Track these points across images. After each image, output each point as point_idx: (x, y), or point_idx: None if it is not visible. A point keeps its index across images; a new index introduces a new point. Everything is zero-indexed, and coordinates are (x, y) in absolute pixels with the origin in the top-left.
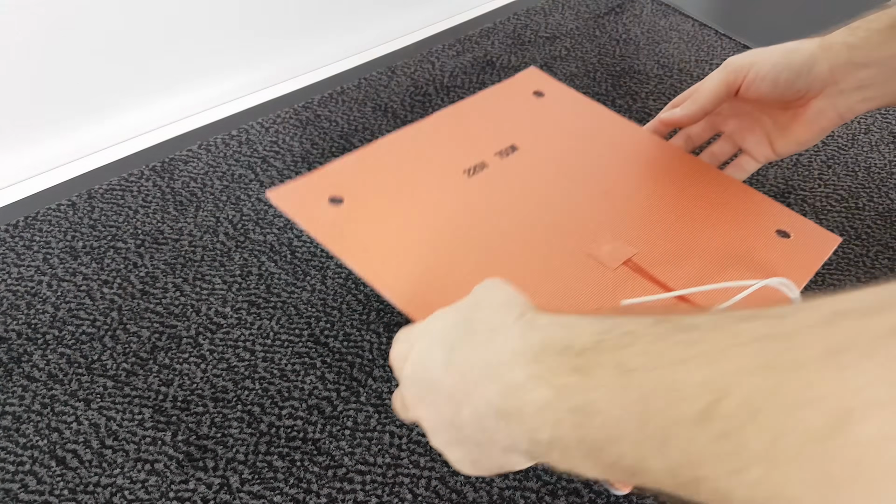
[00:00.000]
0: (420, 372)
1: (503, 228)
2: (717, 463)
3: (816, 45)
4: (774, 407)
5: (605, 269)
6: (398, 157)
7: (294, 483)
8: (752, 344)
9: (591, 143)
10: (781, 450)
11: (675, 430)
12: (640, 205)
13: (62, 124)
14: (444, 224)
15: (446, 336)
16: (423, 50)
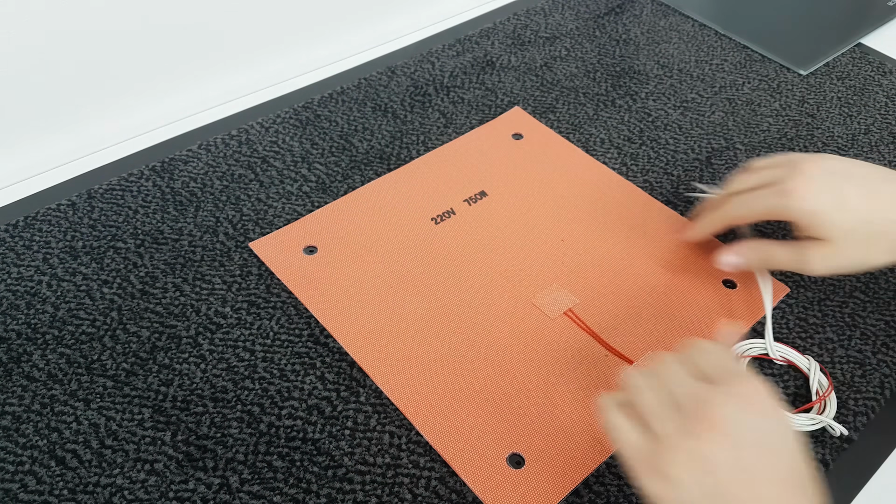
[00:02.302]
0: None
1: (458, 275)
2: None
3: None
4: None
5: (547, 318)
6: (373, 206)
7: (294, 483)
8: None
9: (558, 190)
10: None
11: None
12: (592, 254)
13: (62, 124)
14: (403, 273)
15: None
16: (423, 50)
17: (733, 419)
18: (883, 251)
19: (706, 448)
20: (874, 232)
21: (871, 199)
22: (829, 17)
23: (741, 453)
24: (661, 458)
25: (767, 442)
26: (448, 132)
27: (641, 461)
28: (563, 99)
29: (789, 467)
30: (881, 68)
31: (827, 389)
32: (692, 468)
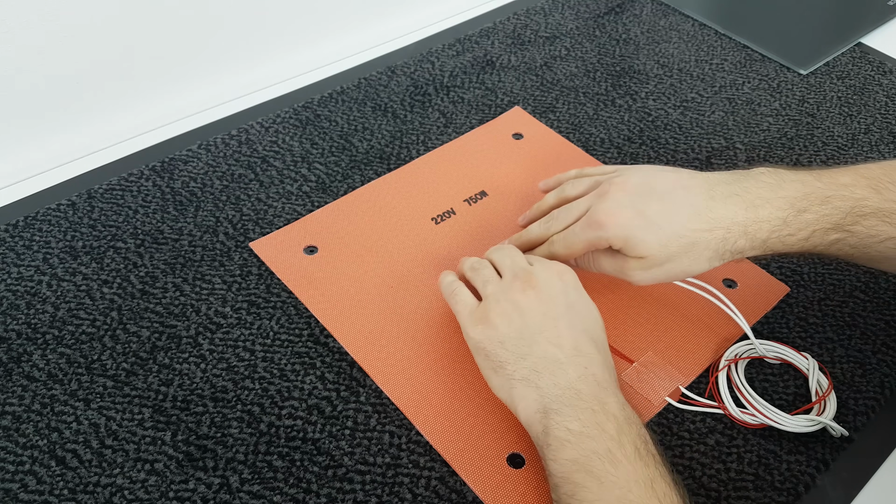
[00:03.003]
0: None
1: (458, 275)
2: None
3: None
4: None
5: None
6: (373, 206)
7: (294, 483)
8: None
9: None
10: None
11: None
12: None
13: (62, 124)
14: (403, 273)
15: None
16: (423, 50)
17: (546, 281)
18: (701, 259)
19: (520, 298)
20: (686, 244)
21: (672, 213)
22: (828, 16)
23: (547, 305)
24: (485, 309)
25: (570, 302)
26: (448, 132)
27: (471, 316)
28: (563, 99)
29: (585, 325)
30: (881, 68)
31: (827, 389)
32: (508, 312)
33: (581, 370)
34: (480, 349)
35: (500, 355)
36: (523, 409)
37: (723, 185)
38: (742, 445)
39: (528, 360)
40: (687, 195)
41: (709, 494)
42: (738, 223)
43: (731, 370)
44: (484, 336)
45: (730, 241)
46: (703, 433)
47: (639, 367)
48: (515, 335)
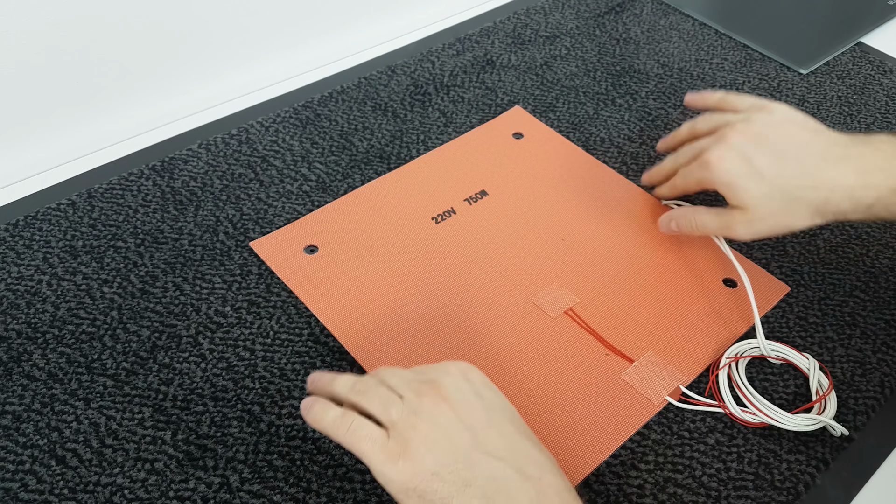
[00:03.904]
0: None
1: (459, 275)
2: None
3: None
4: None
5: (547, 317)
6: (373, 205)
7: (294, 482)
8: None
9: (558, 189)
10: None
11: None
12: (593, 253)
13: (62, 123)
14: (404, 272)
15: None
16: (423, 49)
17: (454, 388)
18: (803, 216)
19: (436, 415)
20: (789, 198)
21: (781, 167)
22: (829, 16)
23: (469, 415)
24: (400, 439)
25: (488, 404)
26: (448, 131)
27: (382, 451)
28: (564, 98)
29: (513, 424)
30: (881, 67)
31: (827, 389)
32: (430, 436)
33: (538, 485)
34: (411, 491)
35: (440, 490)
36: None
37: (840, 146)
38: (742, 444)
39: (475, 487)
40: (800, 151)
41: (709, 494)
42: (845, 186)
43: (731, 369)
44: (411, 472)
45: (832, 202)
46: (703, 432)
47: (639, 367)
48: (449, 461)
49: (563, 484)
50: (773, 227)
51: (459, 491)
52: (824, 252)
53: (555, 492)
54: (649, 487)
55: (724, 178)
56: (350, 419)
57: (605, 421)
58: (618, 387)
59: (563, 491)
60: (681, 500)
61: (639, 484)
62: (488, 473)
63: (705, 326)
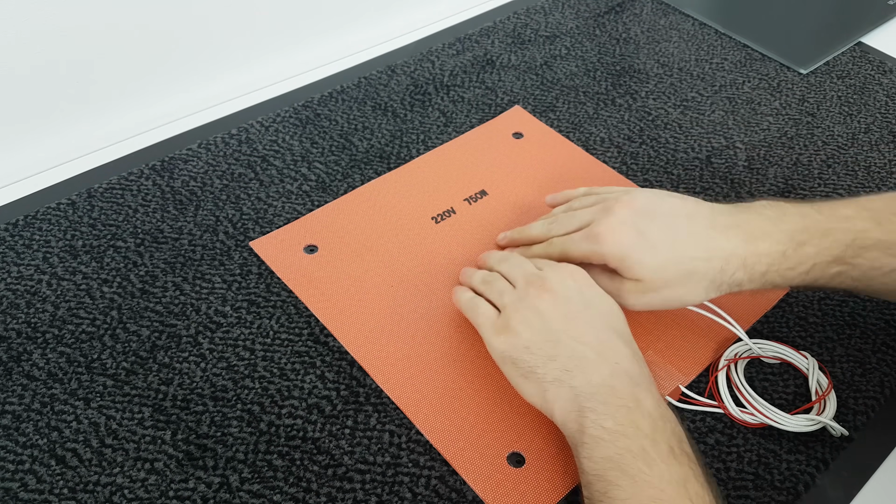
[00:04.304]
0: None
1: (458, 275)
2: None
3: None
4: None
5: None
6: (373, 205)
7: (294, 482)
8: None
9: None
10: None
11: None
12: None
13: (62, 123)
14: (403, 272)
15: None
16: (423, 49)
17: (559, 283)
18: (697, 288)
19: (537, 303)
20: (684, 270)
21: (673, 238)
22: (829, 16)
23: (566, 306)
24: (506, 318)
25: (587, 300)
26: (448, 131)
27: (493, 327)
28: (564, 98)
29: (606, 321)
30: (881, 67)
31: (826, 389)
32: (528, 318)
33: (612, 366)
34: (507, 358)
35: (528, 361)
36: (559, 410)
37: (725, 215)
38: (742, 445)
39: (558, 361)
40: (689, 223)
41: None
42: (738, 255)
43: (730, 370)
44: (508, 344)
45: (728, 272)
46: (703, 432)
47: None
48: (540, 339)
49: (638, 370)
50: (666, 299)
51: (544, 362)
52: None
53: (627, 375)
54: None
55: (617, 252)
56: (476, 302)
57: None
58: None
59: (636, 375)
60: None
61: None
62: (571, 352)
63: (705, 327)
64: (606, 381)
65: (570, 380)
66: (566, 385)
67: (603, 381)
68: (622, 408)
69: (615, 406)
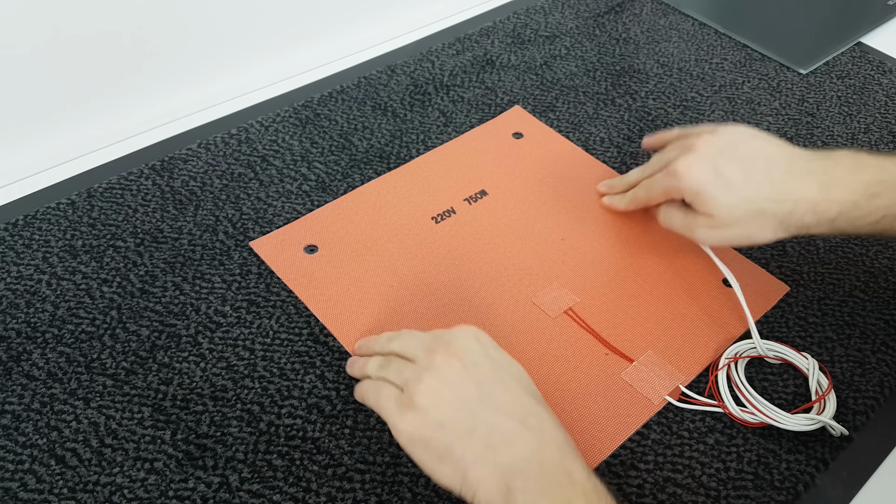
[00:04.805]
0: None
1: (458, 275)
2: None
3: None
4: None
5: (547, 317)
6: (373, 205)
7: (293, 482)
8: None
9: (558, 189)
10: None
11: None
12: (593, 253)
13: (61, 123)
14: (404, 272)
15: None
16: (423, 49)
17: (465, 346)
18: (767, 228)
19: (444, 370)
20: (755, 209)
21: (748, 178)
22: (828, 16)
23: (476, 371)
24: (410, 394)
25: (496, 363)
26: (448, 131)
27: (396, 406)
28: (563, 98)
29: (520, 384)
30: (881, 67)
31: (826, 389)
32: (437, 389)
33: (538, 436)
34: (417, 440)
35: (443, 439)
36: (483, 493)
37: (803, 161)
38: (742, 444)
39: (477, 436)
40: (767, 164)
41: (708, 493)
42: (809, 199)
43: (730, 369)
44: (418, 423)
45: (796, 215)
46: (702, 432)
47: (638, 366)
48: (454, 412)
49: (564, 437)
50: (736, 236)
51: (462, 439)
52: (824, 252)
53: (555, 444)
54: (649, 487)
55: (693, 187)
56: (378, 385)
57: (604, 420)
58: (617, 386)
59: (563, 444)
60: (680, 500)
61: (638, 484)
62: (491, 423)
63: (705, 326)
64: (535, 456)
65: (494, 456)
66: (490, 463)
67: (532, 455)
68: (554, 485)
69: (547, 484)
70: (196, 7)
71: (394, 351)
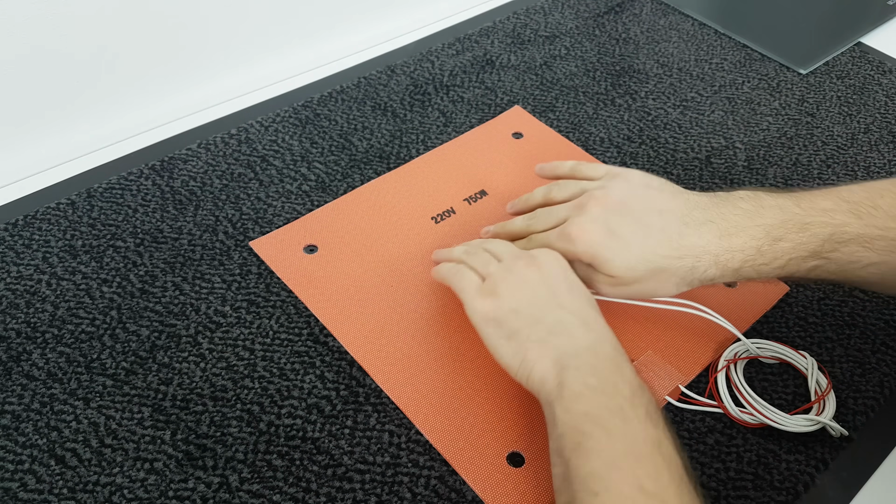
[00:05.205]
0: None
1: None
2: None
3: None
4: None
5: None
6: (373, 205)
7: (293, 482)
8: None
9: None
10: None
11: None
12: None
13: (61, 123)
14: (404, 272)
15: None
16: (423, 49)
17: (546, 262)
18: (668, 285)
19: (525, 273)
20: (655, 268)
21: (645, 237)
22: (828, 16)
23: (553, 281)
24: (492, 283)
25: (571, 282)
26: (448, 131)
27: (476, 292)
28: (563, 98)
29: (589, 301)
30: (881, 67)
31: (826, 389)
32: (517, 284)
33: (596, 335)
34: (490, 319)
35: (514, 323)
36: (539, 369)
37: (699, 210)
38: (741, 445)
39: (544, 324)
40: (661, 219)
41: (708, 493)
42: (710, 252)
43: (730, 370)
44: (494, 306)
45: (699, 269)
46: (702, 432)
47: (638, 366)
48: (528, 303)
49: (617, 342)
50: (636, 292)
51: (530, 325)
52: None
53: (610, 343)
54: None
55: (589, 251)
56: (460, 268)
57: None
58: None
59: (617, 345)
60: None
61: None
62: (557, 318)
63: (705, 327)
64: (591, 346)
65: (555, 340)
66: (551, 345)
67: (587, 346)
68: (604, 370)
69: (597, 367)
70: (196, 7)
71: (485, 248)
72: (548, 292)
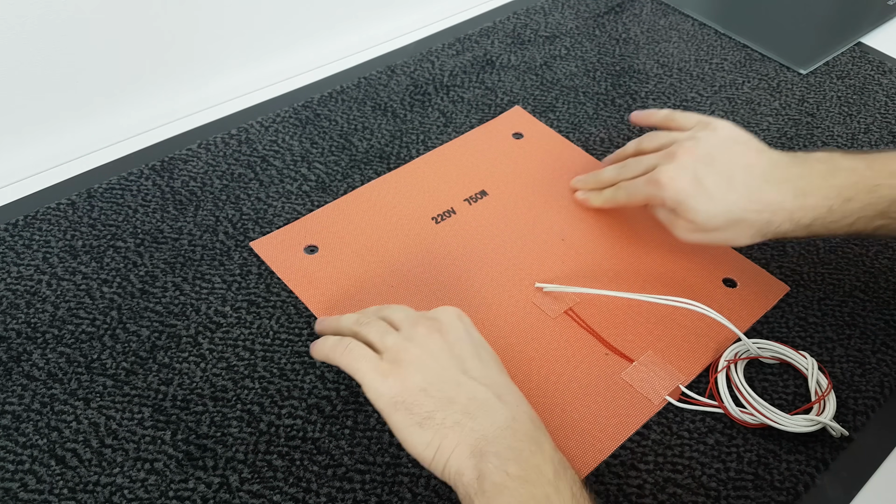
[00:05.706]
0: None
1: (458, 275)
2: None
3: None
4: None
5: (547, 317)
6: (373, 206)
7: (293, 482)
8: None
9: (558, 189)
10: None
11: None
12: (593, 253)
13: (61, 123)
14: (404, 272)
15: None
16: (423, 49)
17: (448, 324)
18: (744, 235)
19: (428, 342)
20: (734, 218)
21: (728, 188)
22: (828, 16)
23: (458, 346)
24: (393, 359)
25: (475, 343)
26: (448, 131)
27: (376, 372)
28: (563, 98)
29: (496, 365)
30: (881, 67)
31: (826, 389)
32: (421, 358)
33: (512, 408)
34: (399, 403)
35: (425, 405)
36: (455, 458)
37: (780, 168)
38: (742, 445)
39: (458, 403)
40: (745, 174)
41: (708, 494)
42: (786, 209)
43: (730, 370)
44: (401, 387)
45: (774, 223)
46: (702, 432)
47: (638, 366)
48: (436, 377)
49: (534, 414)
50: (714, 239)
51: (444, 406)
52: (824, 252)
53: (528, 417)
54: (649, 487)
55: (676, 197)
56: (347, 342)
57: (604, 421)
58: (617, 386)
59: (535, 419)
60: (680, 501)
61: (638, 484)
62: (470, 393)
63: (705, 327)
64: (510, 424)
65: (471, 423)
66: (467, 429)
67: (506, 424)
68: (525, 450)
69: (518, 449)
70: (196, 7)
71: (380, 316)
72: (455, 363)
